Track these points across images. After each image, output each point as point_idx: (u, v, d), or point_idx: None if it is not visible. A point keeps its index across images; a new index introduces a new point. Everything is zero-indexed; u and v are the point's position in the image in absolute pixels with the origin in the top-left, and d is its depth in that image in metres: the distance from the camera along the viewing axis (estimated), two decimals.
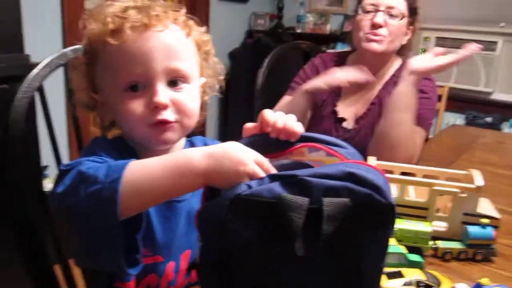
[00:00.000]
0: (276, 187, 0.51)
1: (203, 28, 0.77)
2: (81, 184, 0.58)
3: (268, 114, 0.62)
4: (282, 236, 0.50)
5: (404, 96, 1.28)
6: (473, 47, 1.21)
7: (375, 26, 1.39)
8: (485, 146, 1.83)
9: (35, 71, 0.92)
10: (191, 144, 0.84)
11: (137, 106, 0.68)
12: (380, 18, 1.38)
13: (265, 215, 0.50)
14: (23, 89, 0.89)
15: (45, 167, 2.19)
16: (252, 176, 0.53)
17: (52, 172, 2.24)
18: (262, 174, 0.53)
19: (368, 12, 1.41)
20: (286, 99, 1.53)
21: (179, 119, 0.71)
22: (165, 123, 0.69)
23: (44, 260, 0.88)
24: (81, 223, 0.60)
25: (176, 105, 0.70)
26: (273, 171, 0.56)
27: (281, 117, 0.62)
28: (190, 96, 0.72)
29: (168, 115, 0.69)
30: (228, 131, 3.77)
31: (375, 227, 0.53)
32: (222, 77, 0.82)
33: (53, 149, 1.00)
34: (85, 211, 0.58)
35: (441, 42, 3.22)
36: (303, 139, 0.62)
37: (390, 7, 1.39)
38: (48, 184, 2.20)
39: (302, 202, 0.49)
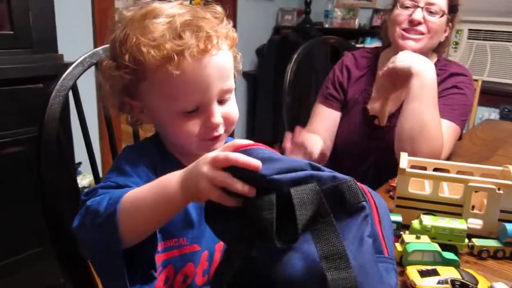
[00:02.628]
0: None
1: (231, 25, 0.76)
2: (86, 217, 0.63)
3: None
4: (258, 234, 0.51)
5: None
6: None
7: (413, 23, 1.34)
8: None
9: (68, 70, 0.94)
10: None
11: (193, 126, 0.71)
12: (418, 14, 1.33)
13: (237, 215, 0.54)
14: (57, 88, 0.91)
15: (79, 163, 2.24)
16: (211, 180, 0.54)
17: (85, 168, 2.29)
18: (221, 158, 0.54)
19: (406, 7, 1.36)
20: (320, 112, 1.52)
21: (226, 129, 0.75)
22: (217, 136, 0.73)
23: (78, 255, 0.90)
24: (90, 254, 0.67)
25: (226, 119, 0.73)
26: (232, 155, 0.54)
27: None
28: (234, 105, 0.75)
29: (221, 130, 0.73)
30: (256, 125, 3.77)
31: (349, 206, 0.53)
32: (241, 67, 0.80)
33: (86, 145, 1.02)
34: (91, 243, 0.65)
35: (474, 34, 3.14)
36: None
37: (430, 4, 1.34)
38: (81, 181, 2.25)
39: (269, 199, 0.51)
